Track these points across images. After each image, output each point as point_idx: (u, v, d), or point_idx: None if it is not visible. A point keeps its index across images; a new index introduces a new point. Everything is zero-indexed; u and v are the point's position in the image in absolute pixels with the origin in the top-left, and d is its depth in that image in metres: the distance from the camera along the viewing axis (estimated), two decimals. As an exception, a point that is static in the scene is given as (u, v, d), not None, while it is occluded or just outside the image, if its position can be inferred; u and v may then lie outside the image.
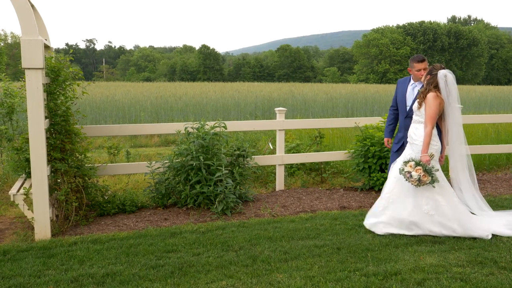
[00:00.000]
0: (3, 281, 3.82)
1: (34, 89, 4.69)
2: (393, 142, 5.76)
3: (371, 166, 6.88)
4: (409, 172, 4.68)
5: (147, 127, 6.83)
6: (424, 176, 4.64)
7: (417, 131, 4.94)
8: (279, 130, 6.95)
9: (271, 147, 8.51)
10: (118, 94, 22.87)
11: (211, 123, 6.27)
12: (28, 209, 5.19)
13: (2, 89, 7.57)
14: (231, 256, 4.32)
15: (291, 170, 7.80)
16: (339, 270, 3.98)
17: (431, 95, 4.83)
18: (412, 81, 5.53)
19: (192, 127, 6.17)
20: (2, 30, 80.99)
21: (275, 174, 7.28)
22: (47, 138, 5.03)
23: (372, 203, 5.61)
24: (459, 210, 4.83)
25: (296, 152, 7.92)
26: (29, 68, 4.66)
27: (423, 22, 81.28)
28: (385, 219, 4.91)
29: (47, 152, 4.92)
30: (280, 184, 7.10)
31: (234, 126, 6.87)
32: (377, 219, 4.97)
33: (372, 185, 6.87)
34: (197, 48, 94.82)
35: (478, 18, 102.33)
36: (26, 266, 4.11)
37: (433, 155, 4.83)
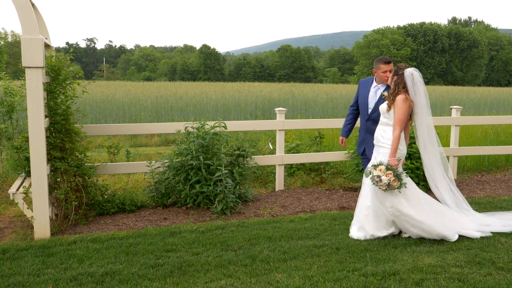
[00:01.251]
0: (3, 279, 3.83)
1: (34, 88, 4.70)
2: (357, 144, 5.60)
3: (371, 167, 6.88)
4: (379, 176, 4.53)
5: (147, 126, 6.84)
6: (394, 181, 4.50)
7: (385, 134, 4.81)
8: (279, 130, 6.96)
9: (271, 147, 8.52)
10: (118, 94, 22.88)
11: (211, 123, 6.27)
12: (28, 208, 5.20)
13: (2, 88, 7.58)
14: (230, 255, 4.33)
15: (291, 170, 7.81)
16: (337, 270, 3.99)
17: (400, 98, 4.70)
18: (374, 83, 5.34)
19: (192, 127, 6.18)
20: (3, 28, 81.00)
21: (274, 174, 7.29)
22: (47, 137, 5.04)
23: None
24: (426, 211, 4.73)
25: (296, 152, 7.93)
26: (29, 67, 4.67)
27: (423, 23, 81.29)
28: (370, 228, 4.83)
29: (47, 151, 4.93)
30: (279, 184, 7.11)
31: (234, 126, 6.88)
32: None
33: (372, 185, 6.87)
34: (197, 47, 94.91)
35: (478, 19, 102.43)
36: (26, 265, 4.12)
37: (400, 159, 4.72)
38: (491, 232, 4.87)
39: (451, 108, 8.03)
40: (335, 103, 22.09)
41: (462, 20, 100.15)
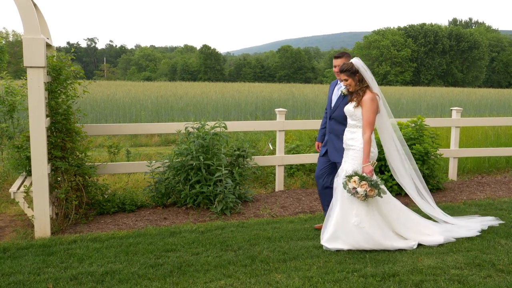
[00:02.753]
0: (3, 278, 3.84)
1: (35, 87, 4.71)
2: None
3: (371, 168, 6.89)
4: (355, 188, 4.31)
5: (147, 126, 6.85)
6: (371, 190, 4.29)
7: (354, 135, 4.56)
8: (279, 130, 6.97)
9: (271, 148, 8.52)
10: (118, 93, 22.88)
11: (212, 123, 6.28)
12: (28, 207, 5.21)
13: (3, 87, 7.58)
14: (230, 256, 4.33)
15: (291, 170, 7.81)
16: (337, 271, 3.99)
17: (368, 98, 4.45)
18: (339, 81, 5.09)
19: (192, 127, 6.18)
20: (4, 28, 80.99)
21: (274, 174, 7.29)
22: (48, 136, 5.05)
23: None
24: (392, 219, 4.56)
25: (296, 153, 7.94)
26: (30, 67, 4.68)
27: (424, 24, 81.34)
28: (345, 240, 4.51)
29: (47, 150, 4.93)
30: (279, 184, 7.11)
31: (234, 126, 6.89)
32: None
33: (372, 186, 6.87)
34: (198, 48, 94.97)
35: (479, 21, 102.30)
36: (26, 263, 4.12)
37: (375, 163, 4.52)
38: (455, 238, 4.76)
39: (452, 110, 8.03)
40: (335, 104, 22.03)
41: (463, 21, 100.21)
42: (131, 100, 19.39)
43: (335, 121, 4.98)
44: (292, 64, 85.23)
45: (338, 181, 4.63)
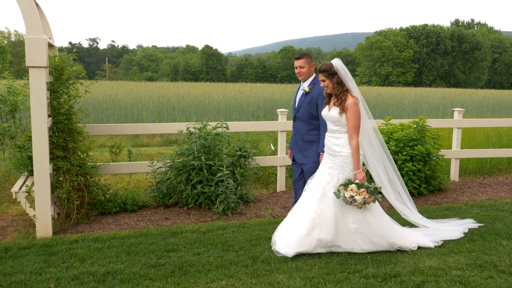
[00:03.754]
0: (5, 278, 3.84)
1: (37, 87, 4.72)
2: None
3: (372, 169, 6.89)
4: (352, 197, 4.19)
5: (149, 126, 6.85)
6: (369, 197, 4.21)
7: (339, 141, 4.41)
8: (281, 131, 6.97)
9: (273, 148, 8.52)
10: (120, 94, 22.92)
11: (213, 124, 6.29)
12: (30, 207, 5.22)
13: (5, 87, 7.60)
14: (232, 256, 4.33)
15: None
16: (338, 271, 3.99)
17: (352, 102, 4.33)
18: (302, 82, 5.02)
19: (194, 127, 6.19)
20: (6, 28, 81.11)
21: (276, 175, 7.29)
22: (49, 136, 5.06)
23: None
24: (386, 224, 4.48)
25: (298, 154, 7.91)
26: (33, 67, 4.69)
27: (426, 25, 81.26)
28: (313, 244, 4.34)
29: (49, 150, 4.94)
30: (281, 185, 7.11)
31: (236, 126, 6.89)
32: (303, 248, 4.34)
33: (373, 187, 6.87)
34: (200, 48, 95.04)
35: (481, 22, 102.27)
36: (27, 263, 4.13)
37: (365, 168, 4.46)
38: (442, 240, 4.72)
39: (453, 111, 8.02)
40: (337, 104, 22.02)
41: (465, 22, 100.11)
42: (133, 100, 19.42)
43: (300, 121, 4.88)
44: (293, 65, 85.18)
45: (314, 182, 4.51)
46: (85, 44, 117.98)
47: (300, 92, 4.99)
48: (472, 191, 7.16)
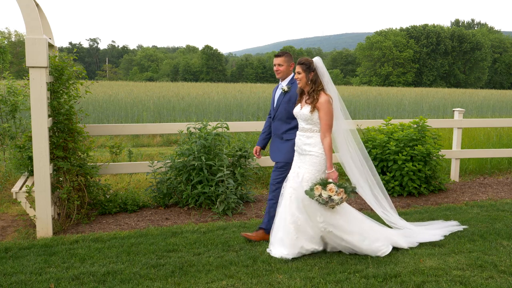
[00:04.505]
0: (5, 278, 3.84)
1: (37, 87, 4.72)
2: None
3: (373, 169, 6.89)
4: (330, 196, 4.08)
5: (149, 126, 6.85)
6: (346, 197, 4.17)
7: (311, 140, 4.33)
8: (281, 131, 6.94)
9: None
10: (121, 94, 22.93)
11: (214, 124, 6.29)
12: (30, 207, 5.22)
13: (5, 87, 7.60)
14: (232, 256, 4.33)
15: (293, 171, 7.80)
16: (339, 271, 3.99)
17: (325, 100, 4.26)
18: (280, 81, 4.92)
19: (194, 127, 6.19)
20: (6, 28, 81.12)
21: (276, 175, 7.28)
22: (50, 136, 5.06)
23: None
24: (357, 222, 4.41)
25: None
26: (33, 67, 4.69)
27: (426, 25, 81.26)
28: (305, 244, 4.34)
29: (49, 150, 4.95)
30: (281, 185, 7.09)
31: (236, 126, 6.89)
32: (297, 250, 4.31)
33: (373, 187, 6.87)
34: (200, 48, 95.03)
35: (481, 22, 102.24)
36: (28, 263, 4.13)
37: (335, 167, 4.33)
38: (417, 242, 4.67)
39: (454, 111, 8.02)
40: (337, 104, 22.01)
41: (465, 22, 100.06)
42: (133, 101, 19.42)
43: (279, 120, 4.80)
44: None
45: (288, 185, 4.43)
46: (85, 44, 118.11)
47: (279, 91, 4.93)
48: (473, 191, 7.16)
